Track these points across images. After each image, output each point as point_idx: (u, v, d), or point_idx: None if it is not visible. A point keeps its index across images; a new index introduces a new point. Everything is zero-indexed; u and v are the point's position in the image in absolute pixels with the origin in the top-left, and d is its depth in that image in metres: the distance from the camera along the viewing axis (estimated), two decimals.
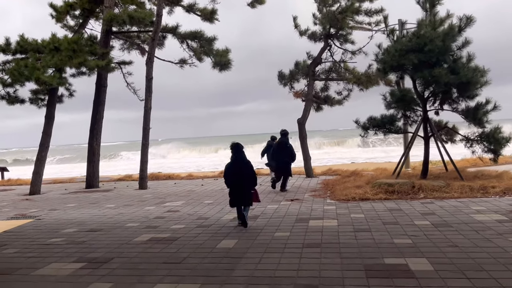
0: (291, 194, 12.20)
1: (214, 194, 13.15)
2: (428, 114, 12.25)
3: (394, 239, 6.51)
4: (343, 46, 17.00)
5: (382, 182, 10.88)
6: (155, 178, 19.83)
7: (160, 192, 14.39)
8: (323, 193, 11.96)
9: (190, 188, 15.36)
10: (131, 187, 16.86)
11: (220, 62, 16.21)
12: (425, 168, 12.31)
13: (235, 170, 8.19)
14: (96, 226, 8.83)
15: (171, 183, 17.79)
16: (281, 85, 17.81)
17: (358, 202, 10.14)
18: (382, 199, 10.24)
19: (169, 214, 9.90)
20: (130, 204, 11.90)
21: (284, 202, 10.71)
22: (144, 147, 15.91)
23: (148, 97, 15.74)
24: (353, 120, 12.83)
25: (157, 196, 13.31)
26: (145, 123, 15.80)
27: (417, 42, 11.43)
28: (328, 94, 18.10)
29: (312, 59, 17.16)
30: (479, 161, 19.27)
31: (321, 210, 9.32)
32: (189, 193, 13.67)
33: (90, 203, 12.44)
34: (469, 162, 18.88)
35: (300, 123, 17.12)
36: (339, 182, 13.02)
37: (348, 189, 11.14)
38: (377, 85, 17.80)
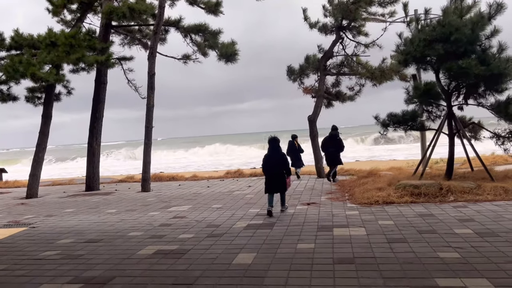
0: (305, 196, 11.32)
1: (222, 197, 12.27)
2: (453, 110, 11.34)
3: (438, 252, 5.63)
4: (355, 38, 16.13)
5: (407, 184, 9.99)
6: (158, 179, 18.98)
7: (164, 195, 13.52)
8: (341, 195, 11.08)
9: (195, 190, 14.49)
10: (133, 189, 16.00)
11: (226, 53, 15.31)
12: (450, 167, 11.43)
13: (271, 161, 9.26)
14: (95, 235, 7.96)
15: (175, 184, 16.93)
16: (290, 80, 16.93)
17: (382, 206, 9.26)
18: (408, 202, 9.36)
19: (175, 220, 9.03)
20: (133, 209, 11.04)
21: (300, 206, 9.83)
22: (146, 147, 15.05)
23: (151, 94, 14.86)
24: (373, 116, 11.94)
25: (161, 200, 12.44)
26: (148, 122, 14.94)
27: (442, 32, 10.53)
28: (339, 89, 17.22)
29: (323, 53, 16.26)
30: (498, 159, 18.43)
31: (343, 216, 8.44)
32: (195, 196, 12.80)
33: (90, 208, 11.58)
34: (488, 161, 17.97)
35: (311, 120, 16.23)
36: (357, 183, 12.13)
37: (369, 191, 10.26)
38: (391, 80, 16.92)
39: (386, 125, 11.47)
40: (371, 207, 9.23)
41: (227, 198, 11.98)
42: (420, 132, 15.94)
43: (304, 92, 17.43)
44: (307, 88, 17.31)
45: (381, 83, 16.66)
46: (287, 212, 9.22)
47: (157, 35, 14.91)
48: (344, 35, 16.03)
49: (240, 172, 18.63)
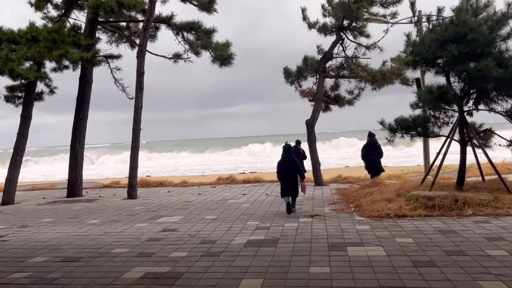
0: (307, 207, 10.44)
1: (215, 206, 11.32)
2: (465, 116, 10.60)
3: (479, 281, 4.78)
4: (356, 40, 15.36)
5: (419, 195, 9.18)
6: (145, 184, 17.93)
7: (152, 203, 12.51)
8: (346, 206, 10.23)
9: (186, 198, 13.51)
10: (118, 195, 14.95)
11: (221, 56, 14.42)
12: (461, 177, 10.67)
13: (285, 167, 10.02)
14: (74, 252, 6.96)
15: (163, 191, 15.91)
16: (287, 83, 16.10)
17: (395, 219, 8.42)
18: (422, 216, 8.54)
19: (165, 234, 8.06)
20: (118, 219, 10.03)
21: (303, 219, 8.94)
22: (133, 151, 14.04)
23: (139, 94, 13.88)
24: (378, 121, 11.13)
25: (149, 208, 11.44)
26: (135, 124, 13.94)
27: (456, 31, 9.78)
28: (339, 93, 16.43)
29: (322, 54, 15.46)
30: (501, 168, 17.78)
31: (354, 231, 7.57)
32: (186, 205, 11.83)
33: (70, 218, 10.53)
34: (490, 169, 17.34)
35: (309, 125, 15.39)
36: (361, 193, 11.31)
37: (378, 202, 9.42)
38: (392, 84, 16.20)
39: (394, 130, 10.67)
40: (383, 220, 8.38)
41: (221, 207, 11.04)
42: (423, 139, 15.23)
43: (301, 95, 16.61)
44: (304, 91, 16.49)
45: (382, 86, 15.93)
46: (290, 226, 8.32)
47: (147, 31, 13.95)
48: (344, 36, 15.26)
49: (232, 178, 17.70)
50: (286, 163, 10.04)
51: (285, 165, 10.04)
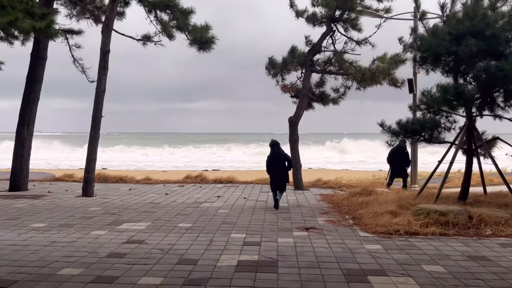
0: (297, 216, 9.03)
1: (188, 211, 9.70)
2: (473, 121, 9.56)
3: None
4: (347, 33, 14.13)
5: (430, 210, 7.98)
6: (103, 179, 15.96)
7: (112, 203, 10.71)
8: (341, 218, 8.89)
9: (151, 198, 11.77)
10: (71, 191, 12.99)
11: (201, 39, 12.71)
12: (465, 189, 9.63)
13: (274, 161, 10.28)
14: (6, 272, 5.19)
15: (124, 188, 14.06)
16: (269, 75, 14.64)
17: (406, 237, 7.16)
18: (436, 234, 7.32)
19: (130, 248, 6.40)
20: (70, 223, 8.22)
21: (298, 232, 7.51)
22: (93, 141, 12.15)
23: (103, 75, 11.99)
24: (378, 123, 9.92)
25: (108, 210, 9.66)
26: (96, 110, 12.05)
27: (472, 25, 8.68)
28: (324, 90, 15.17)
29: (311, 46, 14.12)
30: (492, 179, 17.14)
31: (366, 253, 6.22)
32: (153, 207, 10.13)
33: (9, 219, 8.60)
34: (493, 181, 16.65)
35: (292, 123, 14.02)
36: (353, 202, 10.05)
37: (381, 216, 8.15)
38: (380, 84, 15.11)
39: (397, 134, 9.46)
40: (393, 238, 7.10)
41: (196, 213, 9.43)
42: (412, 145, 14.22)
43: (283, 90, 15.22)
44: (286, 86, 15.10)
45: (370, 86, 14.81)
46: (286, 242, 6.87)
47: (115, 3, 12.08)
48: (335, 28, 13.99)
49: (202, 177, 16.05)
50: (275, 158, 10.34)
51: (273, 159, 10.34)
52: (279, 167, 10.15)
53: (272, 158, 10.34)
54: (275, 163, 10.20)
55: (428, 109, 10.27)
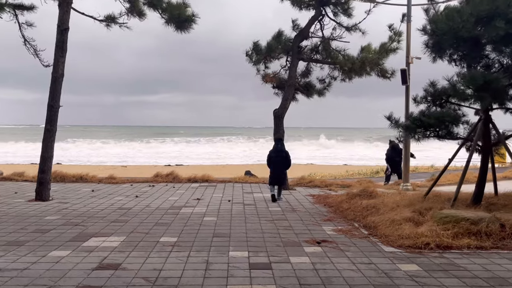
0: (297, 224, 7.71)
1: (167, 219, 8.16)
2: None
3: None
4: (337, 18, 12.92)
5: (458, 217, 6.87)
6: (60, 178, 14.04)
7: (73, 210, 8.98)
8: (350, 226, 7.65)
9: (119, 201, 10.11)
10: (22, 193, 11.09)
11: (179, 17, 11.05)
12: (480, 191, 8.63)
13: (275, 156, 10.67)
14: None
15: (86, 189, 12.26)
16: (250, 63, 13.22)
17: (439, 252, 6.02)
18: (472, 247, 6.22)
19: (105, 278, 4.85)
20: (20, 240, 6.50)
21: (309, 248, 6.19)
22: (48, 135, 10.31)
23: (60, 57, 10.16)
24: (385, 116, 8.75)
25: (69, 220, 7.95)
26: (53, 98, 10.22)
27: (495, 5, 7.64)
28: (310, 80, 13.92)
29: (298, 31, 12.80)
30: None
31: (405, 276, 4.99)
32: (124, 215, 8.51)
33: None
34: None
35: (277, 116, 12.67)
36: (357, 206, 8.84)
37: (400, 224, 6.99)
38: (369, 75, 14.06)
39: (411, 129, 8.32)
40: (425, 254, 5.93)
41: (178, 222, 7.91)
42: (404, 141, 13.27)
43: (264, 80, 13.83)
44: (268, 75, 13.74)
45: (359, 76, 13.72)
46: (301, 262, 5.52)
47: None
48: (324, 12, 12.73)
49: (174, 176, 14.42)
50: (276, 153, 10.71)
51: (275, 155, 10.72)
52: (279, 162, 10.54)
53: (274, 152, 10.76)
54: (276, 158, 10.60)
55: (434, 101, 9.26)
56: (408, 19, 13.12)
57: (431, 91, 9.13)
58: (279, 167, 10.55)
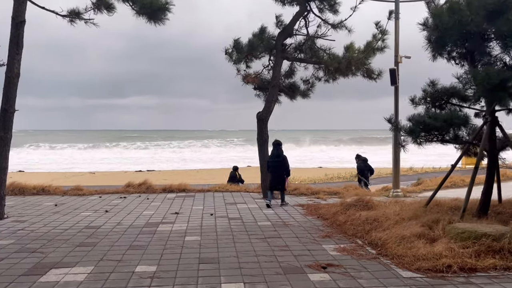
0: (294, 243, 6.76)
1: (143, 240, 7.06)
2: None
3: None
4: (323, 15, 12.11)
5: (477, 233, 6.08)
6: (18, 191, 12.64)
7: (31, 231, 7.73)
8: (354, 244, 6.76)
9: (87, 218, 8.91)
10: None
11: (151, 6, 9.91)
12: (487, 199, 7.95)
13: (272, 161, 10.76)
14: None
15: (47, 203, 10.95)
16: (230, 61, 12.26)
17: (465, 276, 5.20)
18: (499, 269, 5.44)
19: None
20: None
21: (315, 274, 5.25)
22: (2, 143, 8.99)
23: (16, 55, 8.89)
24: (385, 119, 7.98)
25: (25, 245, 6.74)
26: (6, 102, 8.92)
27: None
28: (294, 81, 13.06)
29: (282, 28, 11.91)
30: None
31: None
32: (92, 236, 7.34)
33: None
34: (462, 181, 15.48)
35: (261, 119, 11.74)
36: (356, 218, 7.97)
37: (412, 242, 6.16)
38: (354, 76, 13.33)
39: (415, 133, 7.54)
40: (449, 279, 5.10)
41: (155, 243, 6.83)
42: (394, 142, 12.60)
43: (245, 81, 12.86)
44: (249, 75, 12.78)
45: (344, 77, 12.97)
46: None
47: None
48: (309, 8, 11.89)
49: (147, 185, 13.22)
50: (274, 158, 10.73)
51: (272, 159, 10.76)
52: (277, 167, 10.56)
53: (271, 157, 10.81)
54: (274, 163, 10.64)
55: (434, 102, 8.56)
56: (396, 16, 12.49)
57: (431, 91, 8.44)
58: (277, 172, 10.51)
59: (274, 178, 10.52)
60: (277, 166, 10.51)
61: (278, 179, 10.46)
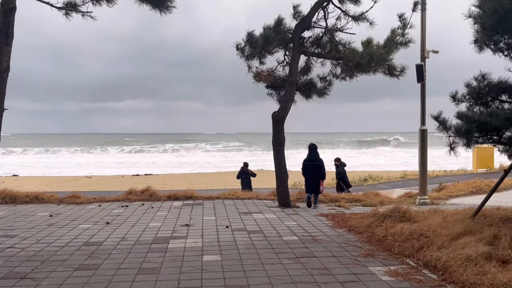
0: (334, 265, 5.70)
1: (153, 260, 5.97)
2: None
3: None
4: (343, 5, 11.08)
5: None
6: (9, 199, 11.53)
7: (22, 249, 6.63)
8: (405, 265, 5.70)
9: (86, 232, 7.80)
10: None
11: None
12: None
13: (309, 165, 10.78)
14: None
15: (41, 213, 9.84)
16: (242, 57, 11.17)
17: None
18: None
19: None
20: None
21: None
22: None
23: (5, 45, 7.76)
24: (432, 116, 6.96)
25: (13, 269, 5.63)
26: None
27: None
28: (311, 78, 12.02)
29: (299, 19, 10.88)
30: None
31: None
32: (93, 255, 6.24)
33: None
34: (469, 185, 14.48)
35: (277, 119, 10.67)
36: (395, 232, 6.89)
37: (480, 266, 5.13)
38: (373, 73, 12.30)
39: (470, 133, 6.51)
40: None
41: (168, 265, 5.74)
42: (420, 144, 11.61)
43: (257, 78, 11.79)
44: (262, 72, 11.72)
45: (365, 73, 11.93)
46: None
47: None
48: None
49: (151, 193, 12.11)
50: (310, 162, 10.76)
51: (309, 163, 10.77)
52: (313, 171, 10.59)
53: (308, 161, 10.81)
54: (311, 167, 10.64)
55: (477, 98, 7.58)
56: (422, 7, 11.51)
57: (477, 86, 7.46)
58: (314, 176, 10.53)
59: (311, 181, 10.52)
60: (314, 169, 10.54)
61: (314, 182, 10.49)
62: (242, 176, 16.14)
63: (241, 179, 16.18)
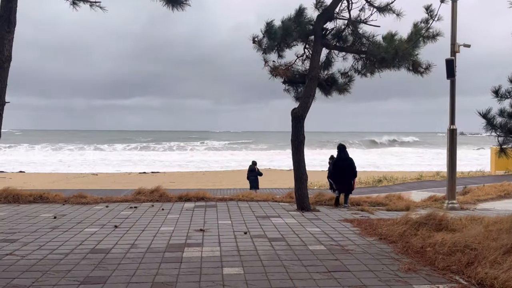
0: (373, 281, 5.02)
1: (168, 272, 5.31)
2: None
3: None
4: None
5: None
6: (12, 198, 10.95)
7: (22, 257, 6.00)
8: (454, 283, 4.99)
9: (93, 237, 7.17)
10: None
11: None
12: None
13: (340, 165, 10.72)
14: None
15: (45, 214, 9.24)
16: (260, 50, 10.49)
17: None
18: None
19: None
20: None
21: None
22: None
23: (6, 34, 7.15)
24: (480, 113, 6.26)
25: (10, 282, 5.00)
26: None
27: None
28: (333, 73, 11.32)
29: (322, 10, 10.18)
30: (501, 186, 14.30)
31: None
32: (100, 265, 5.60)
33: None
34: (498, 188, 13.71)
35: (297, 117, 9.99)
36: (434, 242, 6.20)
37: None
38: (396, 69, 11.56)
39: None
40: None
41: (185, 279, 5.08)
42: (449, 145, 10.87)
43: (274, 73, 11.09)
44: (279, 67, 11.03)
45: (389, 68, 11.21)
46: None
47: None
48: None
49: (161, 193, 11.48)
50: (341, 161, 10.69)
51: (340, 163, 10.71)
52: (345, 171, 10.52)
53: (338, 161, 10.77)
54: (342, 167, 10.57)
55: None
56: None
57: None
58: (346, 175, 10.51)
59: (342, 181, 10.51)
60: (346, 169, 10.51)
61: (347, 181, 10.46)
62: (249, 174, 15.60)
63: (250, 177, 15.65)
